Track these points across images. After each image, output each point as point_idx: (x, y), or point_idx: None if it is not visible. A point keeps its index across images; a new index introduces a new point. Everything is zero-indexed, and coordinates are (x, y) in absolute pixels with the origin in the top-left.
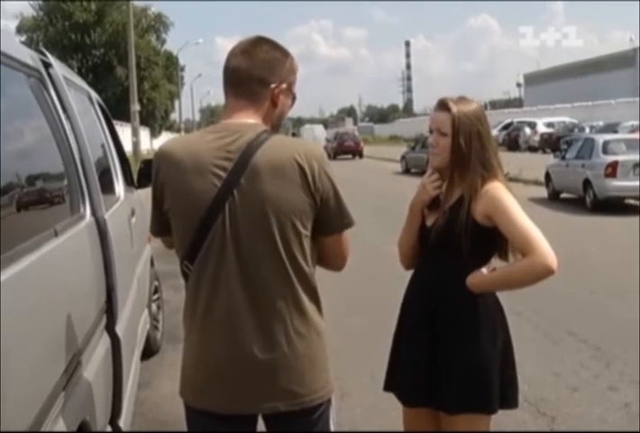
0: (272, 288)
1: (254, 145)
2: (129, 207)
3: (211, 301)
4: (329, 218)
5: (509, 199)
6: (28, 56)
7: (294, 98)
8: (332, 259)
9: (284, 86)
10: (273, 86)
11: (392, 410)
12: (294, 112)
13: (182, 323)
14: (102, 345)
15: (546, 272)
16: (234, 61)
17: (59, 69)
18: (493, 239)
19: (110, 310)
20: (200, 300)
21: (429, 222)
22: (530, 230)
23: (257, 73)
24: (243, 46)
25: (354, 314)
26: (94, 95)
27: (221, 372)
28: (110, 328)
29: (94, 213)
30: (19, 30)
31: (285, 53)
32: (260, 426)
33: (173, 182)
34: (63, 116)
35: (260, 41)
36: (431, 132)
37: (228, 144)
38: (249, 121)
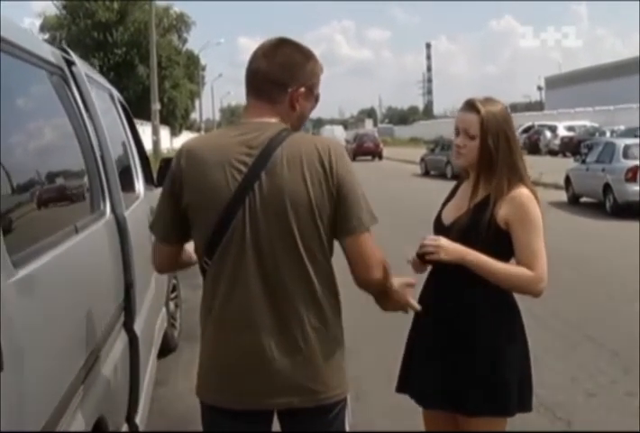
0: (290, 283)
1: (276, 141)
2: (149, 205)
3: (229, 296)
4: (346, 216)
5: (534, 212)
6: (50, 53)
7: (317, 100)
8: (354, 265)
9: (302, 90)
10: (291, 90)
11: (408, 412)
12: (314, 113)
13: (199, 318)
14: (120, 342)
15: (535, 293)
16: (255, 64)
17: (81, 66)
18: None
19: (128, 308)
20: (218, 295)
21: (447, 221)
22: (540, 251)
23: (275, 77)
24: (265, 49)
25: (371, 315)
26: (115, 93)
27: (236, 367)
28: (128, 326)
29: (114, 210)
30: (42, 28)
31: (307, 56)
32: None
33: (194, 177)
34: (85, 114)
35: (282, 44)
36: (457, 133)
37: (250, 140)
38: (270, 120)
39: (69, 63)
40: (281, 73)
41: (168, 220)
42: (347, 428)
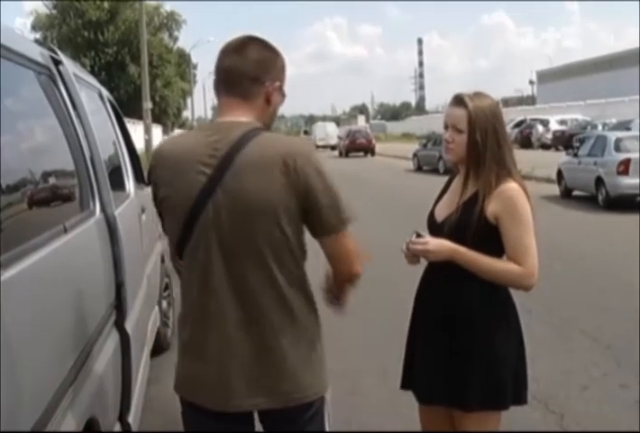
0: (256, 286)
1: (241, 142)
2: (139, 203)
3: (201, 298)
4: (321, 217)
5: (523, 206)
6: (38, 53)
7: (283, 97)
8: (336, 264)
9: (277, 84)
10: (267, 84)
11: (403, 408)
12: (306, 109)
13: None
14: (111, 341)
15: (525, 288)
16: (228, 61)
17: (69, 66)
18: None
19: (119, 307)
20: (191, 297)
21: (440, 218)
22: (530, 245)
23: (251, 72)
24: (235, 45)
25: (364, 312)
26: (104, 92)
27: (210, 369)
28: (119, 325)
29: (103, 210)
30: (34, 27)
31: (276, 53)
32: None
33: (165, 180)
34: (73, 113)
35: (250, 41)
36: (446, 127)
37: (216, 142)
38: (241, 119)
39: (57, 62)
40: (257, 68)
41: (160, 218)
42: (327, 427)
